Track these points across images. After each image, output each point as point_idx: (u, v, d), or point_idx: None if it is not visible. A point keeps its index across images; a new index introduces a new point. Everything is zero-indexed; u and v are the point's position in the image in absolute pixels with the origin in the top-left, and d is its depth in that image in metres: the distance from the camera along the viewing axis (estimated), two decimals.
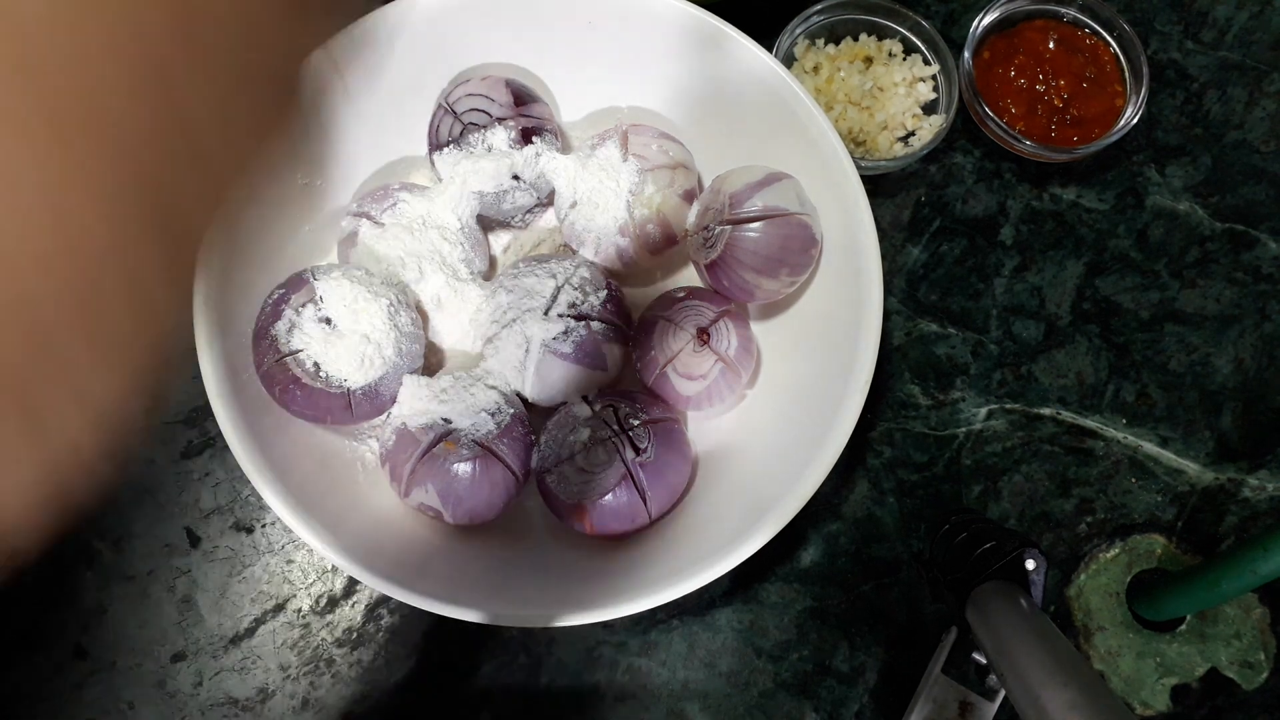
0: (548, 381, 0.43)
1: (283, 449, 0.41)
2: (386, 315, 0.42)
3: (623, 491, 0.40)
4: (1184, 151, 0.56)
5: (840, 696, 0.47)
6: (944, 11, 0.58)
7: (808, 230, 0.43)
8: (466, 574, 0.41)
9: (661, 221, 0.45)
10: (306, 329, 0.41)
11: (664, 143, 0.46)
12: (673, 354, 0.43)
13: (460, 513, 0.41)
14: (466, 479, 0.40)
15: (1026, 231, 0.54)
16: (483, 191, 0.46)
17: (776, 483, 0.40)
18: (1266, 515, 0.51)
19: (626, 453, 0.41)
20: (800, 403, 0.44)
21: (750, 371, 0.45)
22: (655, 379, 0.44)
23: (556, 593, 0.40)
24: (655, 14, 0.46)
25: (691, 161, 0.47)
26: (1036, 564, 0.41)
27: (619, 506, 0.41)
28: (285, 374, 0.41)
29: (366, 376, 0.41)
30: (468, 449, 0.41)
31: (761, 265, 0.42)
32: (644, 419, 0.42)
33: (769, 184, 0.42)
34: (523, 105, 0.47)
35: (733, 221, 0.42)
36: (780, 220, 0.42)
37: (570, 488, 0.41)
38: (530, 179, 0.47)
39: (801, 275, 0.44)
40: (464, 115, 0.46)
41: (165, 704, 0.46)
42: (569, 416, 0.42)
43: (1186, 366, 0.53)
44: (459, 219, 0.46)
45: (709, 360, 0.43)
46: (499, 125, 0.46)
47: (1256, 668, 0.49)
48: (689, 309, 0.44)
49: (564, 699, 0.47)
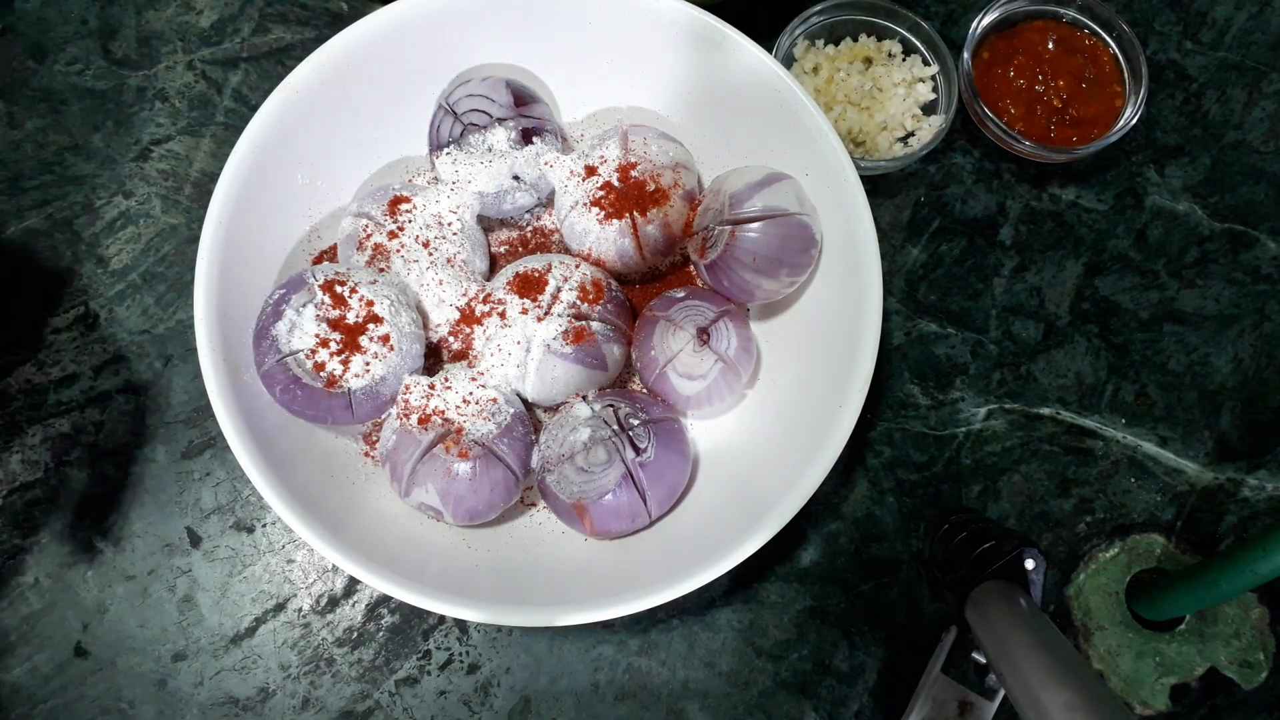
0: (547, 381, 0.43)
1: (284, 449, 0.41)
2: (387, 315, 0.42)
3: (623, 491, 0.41)
4: (1183, 152, 0.56)
5: (840, 696, 0.48)
6: (943, 12, 0.58)
7: (807, 231, 0.43)
8: (466, 573, 0.42)
9: (661, 222, 0.45)
10: (307, 329, 0.41)
11: (664, 143, 0.46)
12: (673, 354, 0.43)
13: (460, 512, 0.41)
14: (466, 479, 0.40)
15: (1026, 232, 0.54)
16: (483, 192, 0.46)
17: (776, 482, 0.41)
18: (1265, 515, 0.51)
19: (626, 452, 0.41)
20: (800, 403, 0.44)
21: (750, 371, 0.45)
22: (655, 379, 0.44)
23: (556, 592, 0.41)
24: (654, 14, 0.46)
25: (691, 161, 0.47)
26: (1036, 564, 0.41)
27: (619, 506, 0.41)
28: (286, 374, 0.41)
29: (367, 376, 0.42)
30: (468, 449, 0.41)
31: (761, 265, 0.42)
32: (644, 419, 0.42)
33: (769, 184, 0.42)
34: (523, 106, 0.47)
35: (733, 222, 0.42)
36: (780, 221, 0.42)
37: (570, 487, 0.41)
38: (531, 179, 0.47)
39: (801, 275, 0.44)
40: (464, 116, 0.46)
41: (166, 703, 0.46)
42: (569, 416, 0.42)
43: (1185, 366, 0.53)
44: (459, 219, 0.46)
45: (709, 360, 0.43)
46: (499, 125, 0.46)
47: (1255, 667, 0.49)
48: (689, 309, 0.44)
49: (565, 698, 0.47)
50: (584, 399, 0.43)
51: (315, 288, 0.41)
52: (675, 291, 0.45)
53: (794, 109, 0.44)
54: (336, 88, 0.45)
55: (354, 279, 0.42)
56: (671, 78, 0.48)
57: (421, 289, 0.45)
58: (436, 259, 0.45)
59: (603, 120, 0.50)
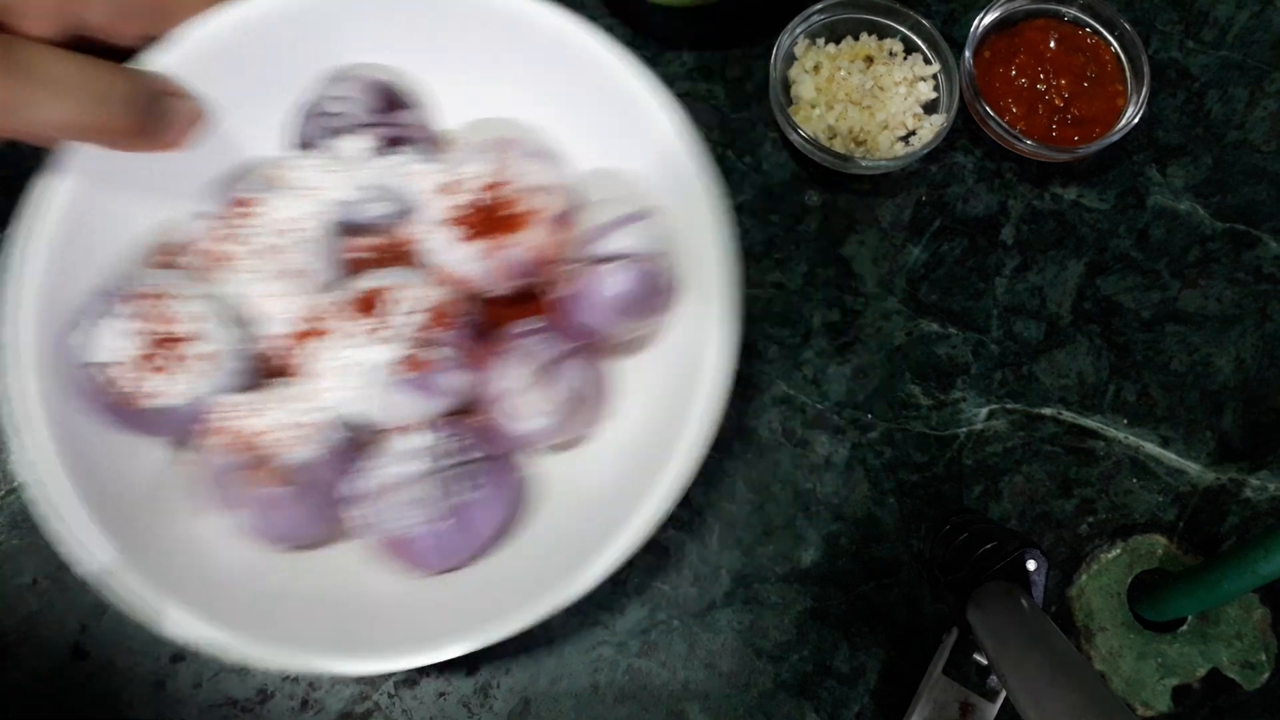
0: (381, 407, 0.39)
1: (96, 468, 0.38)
2: (202, 328, 0.38)
3: (447, 527, 0.38)
4: (1185, 151, 0.56)
5: (841, 697, 0.47)
6: (944, 10, 0.58)
7: (666, 275, 0.40)
8: (280, 611, 0.39)
9: (525, 246, 0.41)
10: (110, 341, 0.37)
11: (538, 162, 0.42)
12: (512, 389, 0.40)
13: (275, 540, 0.39)
14: (281, 506, 0.37)
15: (1027, 231, 0.54)
16: (342, 199, 0.42)
17: (613, 519, 0.38)
18: (1268, 515, 0.51)
19: (454, 486, 0.38)
20: (644, 437, 0.41)
21: (596, 412, 0.42)
22: (493, 412, 0.41)
23: (377, 633, 0.38)
24: (530, 23, 0.42)
25: (568, 182, 0.43)
26: (1037, 564, 0.41)
27: (442, 542, 0.38)
28: (99, 388, 0.37)
29: (185, 393, 0.38)
30: (283, 475, 0.37)
31: (615, 307, 0.39)
32: (477, 454, 0.39)
33: (631, 221, 0.40)
34: (390, 111, 0.43)
35: (587, 259, 0.40)
36: (638, 262, 0.39)
37: (394, 520, 0.38)
38: (392, 189, 0.42)
39: (656, 319, 0.41)
40: (325, 118, 0.42)
41: (165, 704, 0.46)
42: (400, 445, 0.39)
43: (1188, 366, 0.52)
44: (308, 227, 0.41)
45: (548, 398, 0.40)
46: (362, 130, 0.42)
47: (1258, 668, 0.49)
48: (535, 343, 0.40)
49: (564, 699, 0.47)
50: (418, 428, 0.39)
51: (119, 297, 0.37)
52: (527, 322, 0.42)
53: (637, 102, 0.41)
54: (184, 81, 0.41)
55: (170, 288, 0.38)
56: (555, 90, 0.44)
57: (252, 300, 0.40)
58: (275, 268, 0.40)
59: (483, 130, 0.46)
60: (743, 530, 0.49)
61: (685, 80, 0.56)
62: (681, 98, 0.55)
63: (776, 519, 0.49)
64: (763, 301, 0.52)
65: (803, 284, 0.53)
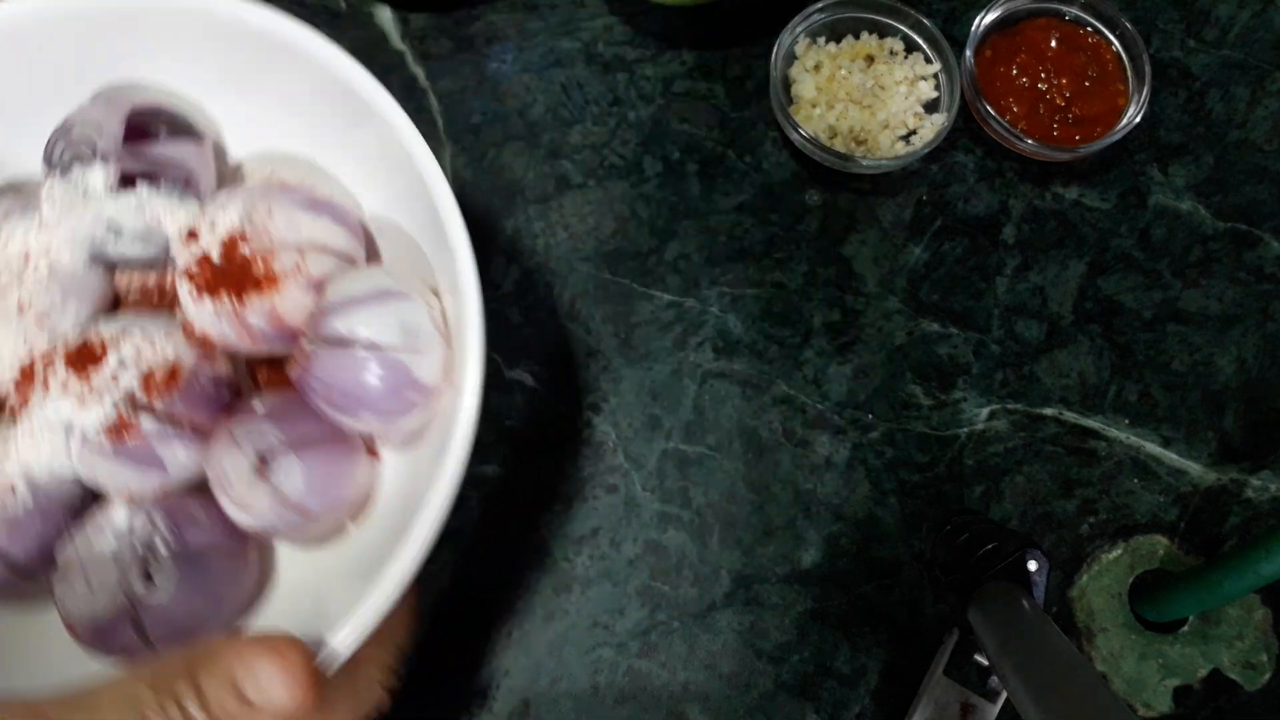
0: (91, 475, 0.34)
1: None
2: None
3: (115, 625, 0.32)
4: (1186, 151, 0.56)
5: (841, 698, 0.47)
6: (945, 10, 0.58)
7: (406, 374, 0.33)
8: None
9: (268, 311, 0.35)
10: None
11: (302, 214, 0.36)
12: (229, 476, 0.34)
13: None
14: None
15: (1028, 231, 0.54)
16: (90, 235, 0.37)
17: (343, 605, 0.32)
18: (1269, 516, 0.51)
19: (135, 584, 0.32)
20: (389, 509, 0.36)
21: (333, 510, 0.35)
22: (216, 497, 0.35)
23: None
24: (305, 55, 0.36)
25: (340, 239, 0.37)
26: (1038, 565, 0.41)
27: (110, 642, 0.32)
28: None
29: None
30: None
31: (336, 400, 0.33)
32: (176, 549, 0.33)
33: (375, 302, 0.33)
34: (138, 141, 0.37)
35: (318, 339, 0.34)
36: (364, 355, 0.33)
37: (71, 601, 0.33)
38: (137, 230, 0.37)
39: (399, 421, 0.34)
40: (67, 144, 0.37)
41: None
42: (99, 519, 0.34)
43: (1189, 366, 0.52)
44: (50, 260, 0.36)
45: (266, 495, 0.33)
46: (99, 162, 0.37)
47: (1259, 669, 0.48)
48: (260, 428, 0.34)
49: (564, 700, 0.47)
50: (129, 503, 0.34)
51: None
52: (264, 399, 0.36)
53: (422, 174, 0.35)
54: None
55: None
56: (341, 132, 0.38)
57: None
58: (7, 305, 0.35)
59: (271, 165, 0.41)
60: (743, 530, 0.49)
61: (685, 79, 0.55)
62: (682, 97, 0.55)
63: (777, 519, 0.49)
64: (763, 301, 0.52)
65: (803, 284, 0.53)
